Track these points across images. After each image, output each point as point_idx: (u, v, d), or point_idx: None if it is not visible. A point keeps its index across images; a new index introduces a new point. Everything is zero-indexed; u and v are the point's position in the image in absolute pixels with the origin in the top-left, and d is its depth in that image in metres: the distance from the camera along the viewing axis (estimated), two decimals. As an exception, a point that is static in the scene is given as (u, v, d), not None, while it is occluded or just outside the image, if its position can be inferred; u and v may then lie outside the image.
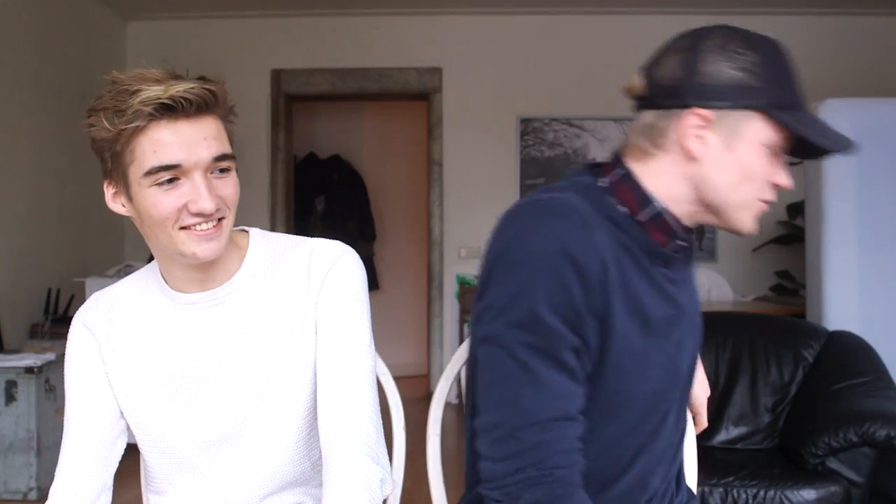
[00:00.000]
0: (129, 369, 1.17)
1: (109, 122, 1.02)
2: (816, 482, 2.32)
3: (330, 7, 5.17)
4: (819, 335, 2.91)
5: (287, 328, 1.16)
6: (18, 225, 4.14)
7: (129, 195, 1.07)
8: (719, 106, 1.07)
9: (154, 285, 1.18)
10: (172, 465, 1.19)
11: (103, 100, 1.05)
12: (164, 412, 1.16)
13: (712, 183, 1.12)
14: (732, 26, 1.14)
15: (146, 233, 1.10)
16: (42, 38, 4.32)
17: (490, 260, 1.07)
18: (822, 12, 5.22)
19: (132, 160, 1.04)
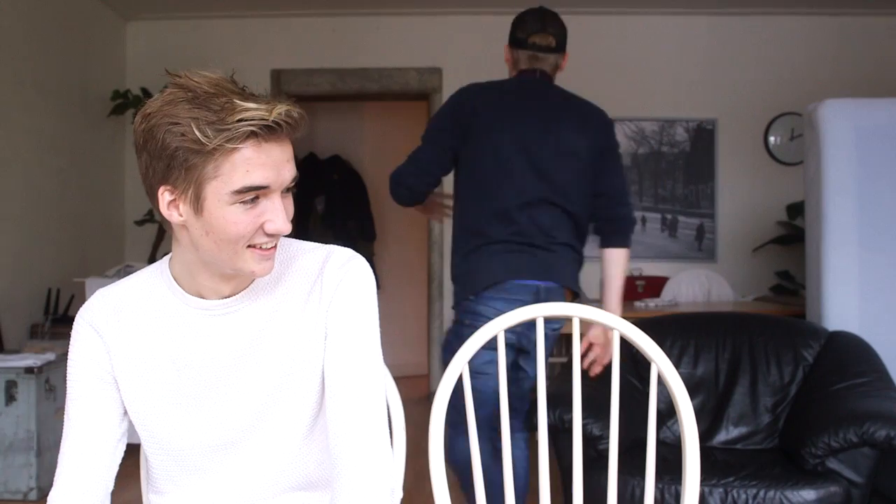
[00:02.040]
0: (137, 371, 1.16)
1: (204, 135, 0.99)
2: (816, 482, 2.32)
3: (330, 7, 5.17)
4: (819, 335, 2.91)
5: (298, 334, 1.17)
6: (18, 225, 4.13)
7: (199, 207, 1.03)
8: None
9: (163, 287, 1.17)
10: (177, 466, 1.19)
11: (191, 108, 1.00)
12: (171, 415, 1.16)
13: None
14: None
15: (202, 243, 1.06)
16: (42, 38, 4.32)
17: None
18: (822, 12, 5.22)
19: (217, 175, 1.01)
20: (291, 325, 1.17)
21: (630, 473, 2.35)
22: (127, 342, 1.16)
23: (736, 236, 5.31)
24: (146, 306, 1.17)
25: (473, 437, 1.48)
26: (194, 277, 1.14)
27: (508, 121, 2.38)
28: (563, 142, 2.40)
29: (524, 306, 1.55)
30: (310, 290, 1.18)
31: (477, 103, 2.41)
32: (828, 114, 3.08)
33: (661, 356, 1.46)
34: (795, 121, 5.17)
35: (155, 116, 1.02)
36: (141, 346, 1.16)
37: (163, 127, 1.01)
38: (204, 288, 1.15)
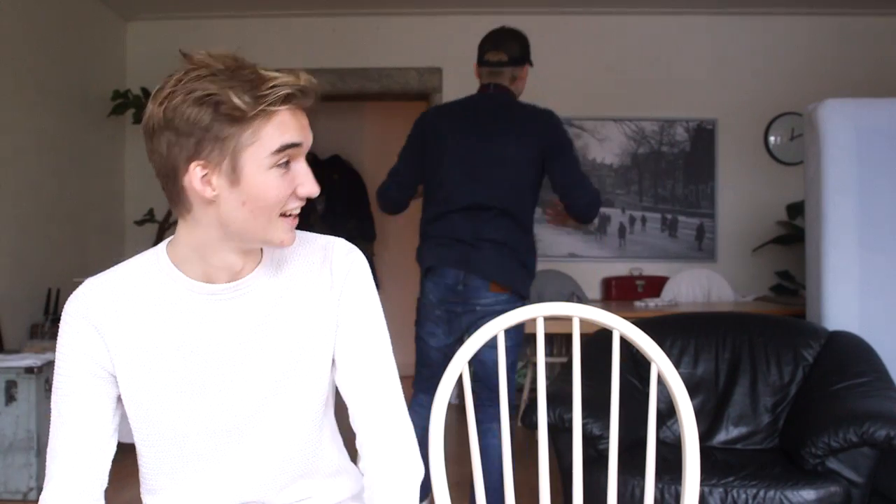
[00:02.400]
0: (140, 361, 1.14)
1: (243, 102, 1.03)
2: (816, 482, 2.32)
3: (330, 7, 5.17)
4: (819, 335, 2.91)
5: (306, 321, 1.20)
6: (18, 225, 4.14)
7: (236, 177, 1.06)
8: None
9: (161, 274, 1.15)
10: (180, 456, 1.17)
11: (222, 79, 1.03)
12: (176, 402, 1.15)
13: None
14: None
15: (236, 216, 1.07)
16: (42, 38, 4.32)
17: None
18: (823, 12, 5.22)
19: (254, 141, 1.05)
20: (298, 312, 1.19)
21: (630, 473, 2.35)
22: (127, 333, 1.14)
23: (736, 236, 5.31)
24: (145, 294, 1.15)
25: (473, 435, 1.48)
26: (207, 259, 1.13)
27: (453, 135, 2.82)
28: (499, 150, 2.77)
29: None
30: (316, 277, 1.21)
31: (434, 122, 2.90)
32: (828, 114, 3.08)
33: (661, 356, 1.46)
34: (795, 121, 5.17)
35: (178, 94, 1.03)
36: (143, 335, 1.14)
37: (191, 102, 1.03)
38: (214, 270, 1.14)
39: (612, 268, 5.32)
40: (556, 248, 5.35)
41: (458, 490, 3.21)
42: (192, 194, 1.08)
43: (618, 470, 1.47)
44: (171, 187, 1.09)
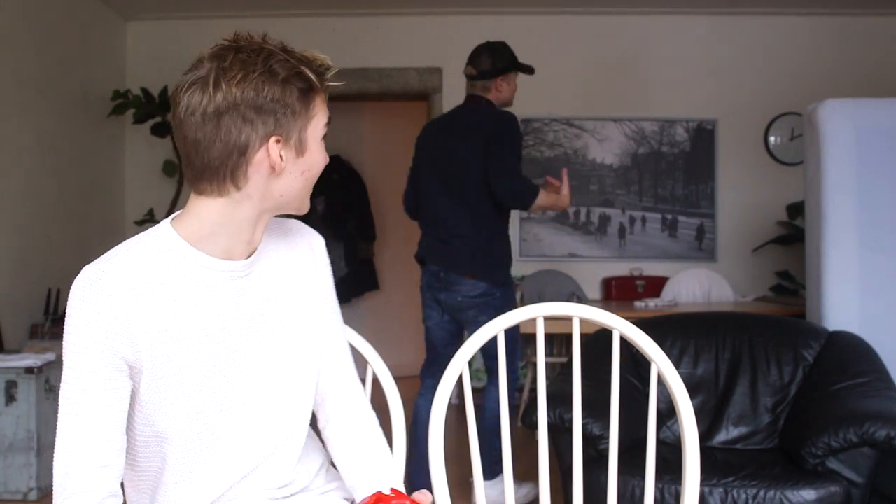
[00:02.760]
0: (167, 346, 1.12)
1: (318, 78, 1.14)
2: (816, 482, 2.32)
3: (330, 7, 5.18)
4: (819, 335, 2.91)
5: (303, 294, 1.28)
6: (19, 225, 4.14)
7: (302, 149, 1.15)
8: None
9: (176, 255, 1.14)
10: (195, 439, 1.16)
11: (284, 59, 1.11)
12: (199, 382, 1.15)
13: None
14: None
15: (293, 185, 1.16)
16: (42, 38, 4.32)
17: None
18: (822, 12, 5.22)
19: (315, 114, 1.16)
20: (296, 284, 1.28)
21: (630, 473, 2.35)
22: (152, 318, 1.11)
23: (736, 236, 5.31)
24: (163, 277, 1.12)
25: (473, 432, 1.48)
26: (238, 235, 1.16)
27: (427, 145, 3.32)
28: (460, 151, 3.15)
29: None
30: (304, 258, 1.31)
31: (420, 135, 3.39)
32: (828, 114, 3.08)
33: (661, 356, 1.46)
34: (795, 121, 5.17)
35: (255, 73, 1.08)
36: (167, 318, 1.12)
37: (277, 81, 1.10)
38: (239, 246, 1.17)
39: (612, 268, 5.32)
40: (556, 248, 5.35)
41: (459, 490, 3.21)
42: (258, 169, 1.12)
43: (618, 470, 1.47)
44: (227, 164, 1.11)
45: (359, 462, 1.34)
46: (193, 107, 1.09)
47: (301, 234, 1.34)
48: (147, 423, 1.15)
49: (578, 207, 5.35)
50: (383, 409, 1.50)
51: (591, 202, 5.36)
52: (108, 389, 1.10)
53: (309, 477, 1.32)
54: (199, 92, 1.09)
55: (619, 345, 1.50)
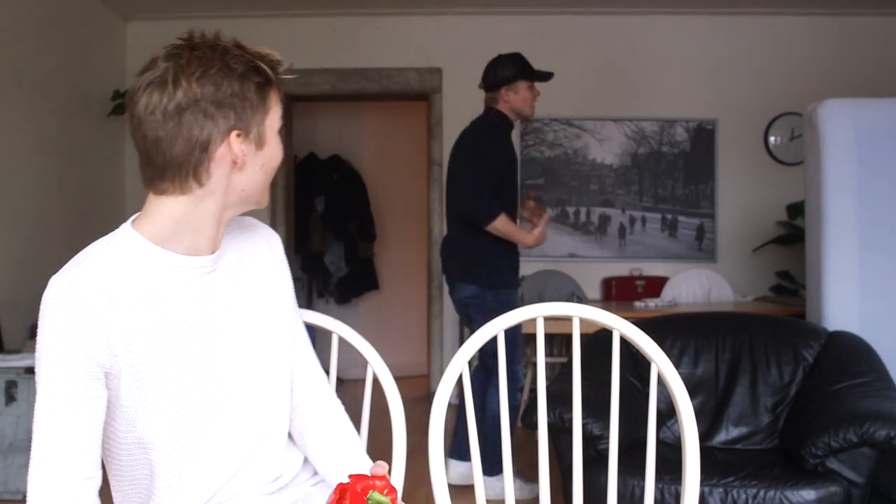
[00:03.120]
0: (143, 349, 1.11)
1: (271, 70, 1.16)
2: (816, 482, 2.32)
3: (330, 7, 5.18)
4: (819, 335, 2.91)
5: (268, 285, 1.30)
6: (19, 225, 4.14)
7: (261, 142, 1.16)
8: None
9: (143, 256, 1.13)
10: (180, 439, 1.16)
11: (235, 56, 1.12)
12: (178, 380, 1.15)
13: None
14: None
15: (254, 179, 1.17)
16: (42, 38, 4.32)
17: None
18: (822, 12, 5.22)
19: (272, 107, 1.18)
20: (259, 276, 1.29)
21: (630, 473, 2.35)
22: (127, 322, 1.10)
23: (736, 236, 5.31)
24: (133, 280, 1.12)
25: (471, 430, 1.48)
26: (202, 232, 1.16)
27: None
28: (453, 162, 3.46)
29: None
30: (263, 253, 1.32)
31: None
32: (828, 114, 3.08)
33: (661, 356, 1.46)
34: (795, 121, 5.17)
35: (213, 69, 1.10)
36: (142, 321, 1.11)
37: (235, 76, 1.11)
38: (204, 242, 1.18)
39: (612, 268, 5.32)
40: (556, 248, 5.35)
41: (459, 489, 3.21)
42: (219, 165, 1.13)
43: (618, 470, 1.47)
44: (189, 161, 1.11)
45: (329, 449, 1.36)
46: (153, 105, 1.10)
47: (258, 231, 1.35)
48: (129, 430, 1.13)
49: (578, 207, 5.35)
50: (383, 410, 1.50)
51: (591, 202, 5.36)
52: (86, 399, 1.07)
53: (296, 468, 1.33)
54: (157, 91, 1.09)
55: (619, 345, 1.50)
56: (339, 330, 1.55)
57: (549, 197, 5.30)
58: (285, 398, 1.30)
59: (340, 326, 1.55)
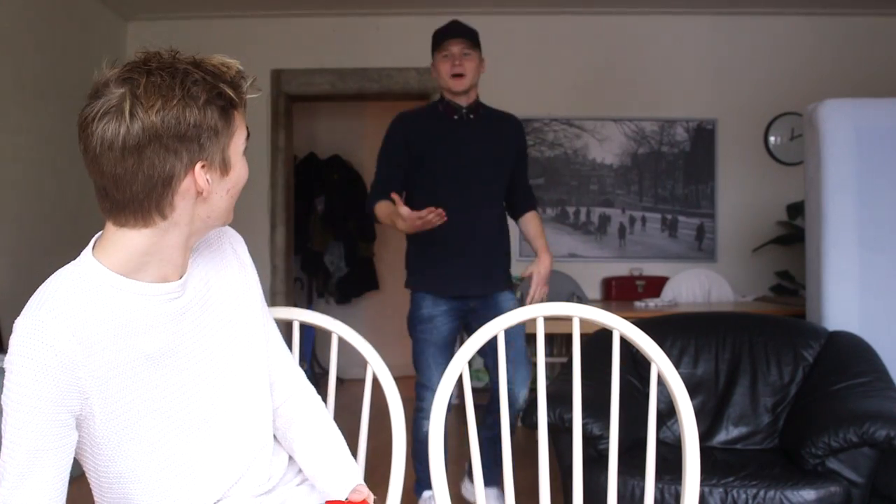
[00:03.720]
0: (116, 384, 1.09)
1: (232, 94, 1.08)
2: (816, 482, 2.32)
3: (330, 7, 5.17)
4: (819, 335, 2.91)
5: (239, 302, 1.26)
6: (19, 225, 4.14)
7: (226, 168, 1.11)
8: None
9: (105, 289, 1.08)
10: (161, 465, 1.15)
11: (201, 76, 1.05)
12: (153, 408, 1.13)
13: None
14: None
15: (218, 205, 1.12)
16: (42, 38, 4.32)
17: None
18: (822, 12, 5.22)
19: (235, 130, 1.11)
20: (229, 293, 1.25)
21: (630, 473, 2.35)
22: (98, 361, 1.06)
23: (736, 236, 5.31)
24: (101, 316, 1.07)
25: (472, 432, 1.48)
26: (170, 261, 1.12)
27: None
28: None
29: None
30: (227, 259, 1.28)
31: None
32: (828, 114, 3.08)
33: (661, 356, 1.46)
34: (795, 121, 5.17)
35: (175, 100, 1.02)
36: (114, 357, 1.08)
37: (198, 105, 1.04)
38: (172, 270, 1.13)
39: (612, 268, 5.32)
40: (556, 248, 5.34)
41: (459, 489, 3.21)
42: (181, 198, 1.07)
43: (618, 470, 1.47)
44: (152, 197, 1.05)
45: (312, 447, 1.36)
46: (110, 140, 1.01)
47: (221, 238, 1.29)
48: (111, 464, 1.12)
49: (578, 207, 5.35)
50: (383, 410, 1.50)
51: (591, 202, 5.36)
52: (58, 447, 1.04)
53: (283, 468, 1.33)
54: (113, 122, 1.01)
55: (619, 345, 1.50)
56: (339, 330, 1.55)
57: (549, 197, 5.30)
58: (266, 407, 1.29)
59: (340, 326, 1.55)
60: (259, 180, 5.23)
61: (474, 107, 2.94)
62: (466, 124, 2.93)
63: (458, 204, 2.80)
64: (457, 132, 2.91)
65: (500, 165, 2.97)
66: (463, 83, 2.85)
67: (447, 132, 2.90)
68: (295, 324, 1.57)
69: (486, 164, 2.92)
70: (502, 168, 2.98)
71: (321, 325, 1.56)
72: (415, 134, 2.91)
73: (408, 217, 2.55)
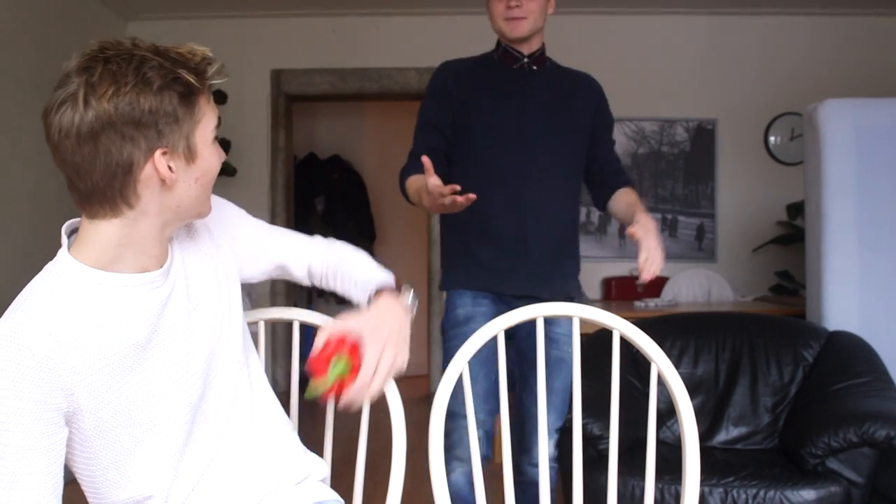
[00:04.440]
0: (101, 378, 1.09)
1: (193, 79, 1.05)
2: (816, 482, 2.32)
3: (330, 7, 5.17)
4: (819, 335, 2.91)
5: (218, 282, 1.26)
6: (20, 225, 4.14)
7: (192, 155, 1.09)
8: None
9: (84, 285, 1.09)
10: (157, 449, 1.15)
11: (160, 63, 1.03)
12: (142, 397, 1.13)
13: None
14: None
15: (189, 194, 1.11)
16: (42, 38, 4.32)
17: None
18: (822, 12, 5.22)
19: (201, 117, 1.09)
20: (209, 277, 1.25)
21: (630, 473, 2.35)
22: (79, 356, 1.06)
23: (736, 236, 5.31)
24: (79, 309, 1.07)
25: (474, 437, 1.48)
26: (146, 251, 1.12)
27: None
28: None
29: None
30: (203, 242, 1.27)
31: None
32: (828, 114, 3.08)
33: (661, 356, 1.46)
34: (795, 121, 5.17)
35: (129, 86, 1.01)
36: (96, 348, 1.08)
37: (152, 91, 1.02)
38: (150, 260, 1.14)
39: (612, 268, 5.32)
40: (556, 248, 5.34)
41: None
42: (145, 186, 1.07)
43: (618, 470, 1.47)
44: (115, 186, 1.05)
45: (351, 286, 1.44)
46: (66, 128, 1.02)
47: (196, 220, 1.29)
48: (104, 451, 1.12)
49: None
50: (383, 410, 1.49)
51: (591, 202, 5.35)
52: (47, 445, 1.04)
53: (284, 466, 1.34)
54: (69, 111, 1.01)
55: (619, 345, 1.50)
56: (339, 330, 1.54)
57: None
58: (260, 380, 1.31)
59: (340, 326, 1.55)
60: (259, 180, 5.23)
61: (538, 57, 2.32)
62: (529, 77, 2.28)
63: (516, 178, 2.17)
64: (516, 85, 2.25)
65: (575, 132, 2.35)
66: (521, 29, 2.20)
67: (504, 84, 2.24)
68: (295, 324, 1.57)
69: (555, 129, 2.26)
70: (578, 135, 2.36)
71: (321, 325, 1.56)
72: (460, 85, 2.24)
73: (434, 189, 1.77)
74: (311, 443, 1.49)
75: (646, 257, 2.16)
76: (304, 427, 1.57)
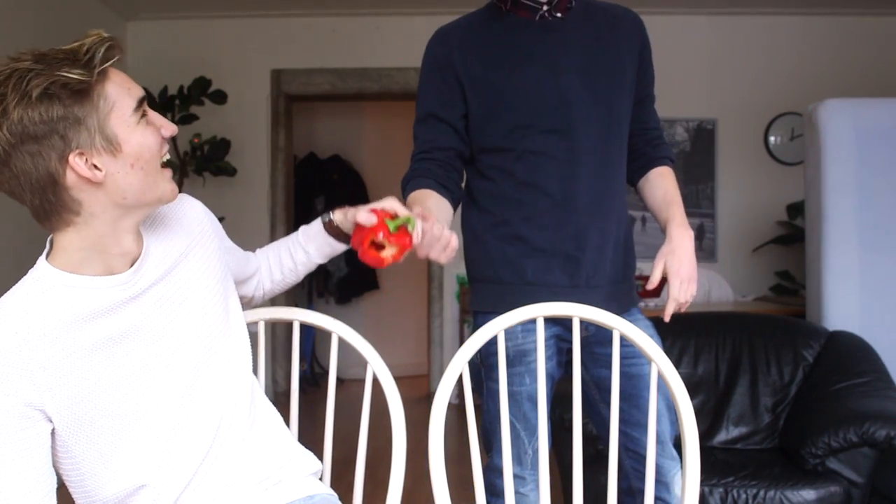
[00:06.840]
0: (78, 375, 1.11)
1: (78, 75, 1.01)
2: (816, 482, 2.32)
3: (330, 7, 5.17)
4: (819, 335, 2.91)
5: (203, 276, 1.26)
6: (20, 225, 4.14)
7: (115, 146, 1.07)
8: None
9: (57, 289, 1.12)
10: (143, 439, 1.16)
11: (39, 69, 1.00)
12: (122, 394, 1.14)
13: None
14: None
15: (130, 182, 1.09)
16: (42, 38, 4.31)
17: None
18: (822, 12, 5.22)
19: (112, 105, 1.06)
20: (192, 271, 1.25)
21: (630, 473, 2.35)
22: (50, 357, 1.08)
23: (736, 236, 5.31)
24: (50, 312, 1.10)
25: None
26: (108, 251, 1.13)
27: None
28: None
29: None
30: (186, 233, 1.27)
31: None
32: (828, 114, 3.08)
33: (661, 356, 1.46)
34: (795, 121, 5.17)
35: (12, 105, 1.00)
36: (68, 350, 1.10)
37: (34, 103, 1.01)
38: (116, 260, 1.14)
39: (612, 268, 5.31)
40: (556, 248, 5.34)
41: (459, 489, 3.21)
42: (79, 191, 1.07)
43: (618, 470, 1.47)
44: (50, 200, 1.06)
45: (297, 248, 1.52)
46: None
47: (174, 209, 1.28)
48: (89, 447, 1.13)
49: (578, 207, 5.35)
50: (383, 410, 1.50)
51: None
52: (24, 438, 1.06)
53: (285, 461, 1.35)
54: None
55: (619, 345, 1.50)
56: (339, 330, 1.55)
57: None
58: (245, 364, 1.30)
59: (340, 326, 1.55)
60: (259, 180, 5.23)
61: (559, 1, 1.71)
62: (553, 29, 1.71)
63: (552, 167, 1.68)
64: (538, 44, 1.71)
65: (621, 94, 1.89)
66: None
67: (523, 45, 1.71)
68: (295, 324, 1.57)
69: (597, 95, 1.78)
70: (623, 97, 1.91)
71: (321, 325, 1.56)
72: (466, 53, 1.80)
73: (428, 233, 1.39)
74: (311, 443, 1.49)
75: (675, 298, 1.77)
76: (304, 427, 1.57)
